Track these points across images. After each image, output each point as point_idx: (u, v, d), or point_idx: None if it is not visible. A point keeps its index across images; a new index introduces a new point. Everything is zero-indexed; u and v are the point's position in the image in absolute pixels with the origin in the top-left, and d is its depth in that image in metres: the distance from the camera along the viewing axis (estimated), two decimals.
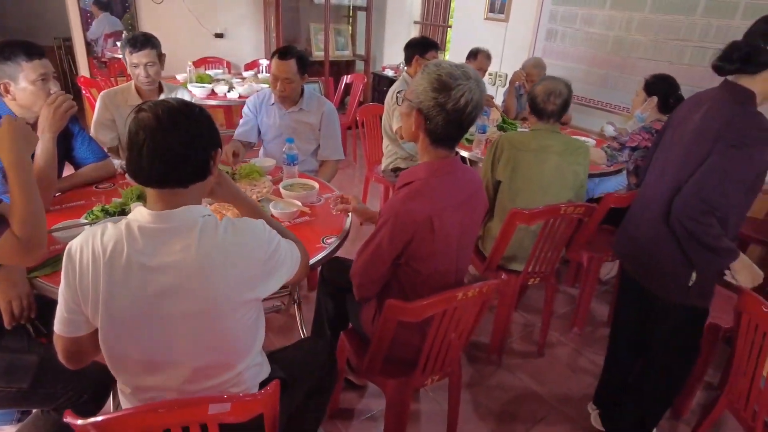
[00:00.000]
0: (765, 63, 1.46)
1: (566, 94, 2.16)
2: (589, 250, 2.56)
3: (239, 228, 1.10)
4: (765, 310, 1.46)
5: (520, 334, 2.69)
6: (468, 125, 1.41)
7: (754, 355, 1.53)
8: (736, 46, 1.50)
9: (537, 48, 4.59)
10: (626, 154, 2.72)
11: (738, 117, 1.49)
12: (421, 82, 1.37)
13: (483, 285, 1.47)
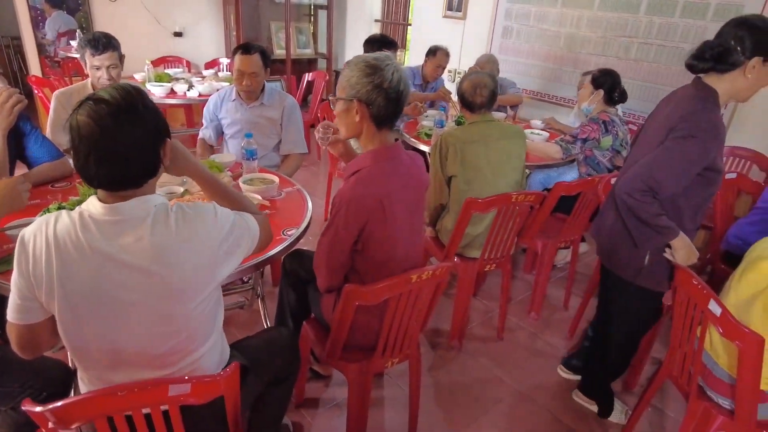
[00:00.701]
0: (734, 63, 1.53)
1: (492, 86, 2.27)
2: (543, 237, 2.67)
3: (189, 216, 1.12)
4: (695, 283, 1.57)
5: (480, 320, 2.78)
6: (404, 101, 1.50)
7: (688, 325, 1.65)
8: (709, 45, 1.57)
9: (494, 45, 4.72)
10: (578, 146, 2.86)
11: (695, 112, 1.58)
12: (351, 75, 1.45)
13: (436, 267, 1.54)
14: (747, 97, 1.65)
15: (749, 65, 1.53)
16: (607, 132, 2.82)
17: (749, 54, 1.52)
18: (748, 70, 1.54)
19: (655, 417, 2.20)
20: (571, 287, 2.93)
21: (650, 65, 3.71)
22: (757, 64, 1.53)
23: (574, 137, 2.85)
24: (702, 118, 1.58)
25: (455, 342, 2.53)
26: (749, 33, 1.51)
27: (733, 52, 1.53)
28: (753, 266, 1.57)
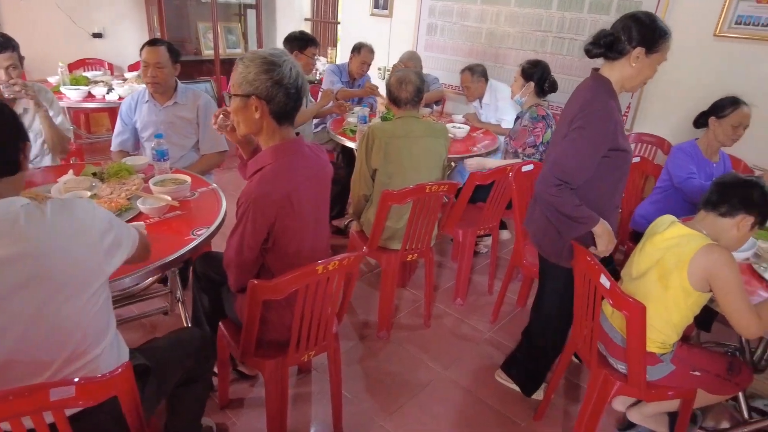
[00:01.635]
0: (620, 51, 1.67)
1: (417, 82, 2.33)
2: (463, 226, 2.76)
3: (69, 206, 1.12)
4: (588, 260, 1.68)
5: (408, 309, 2.84)
6: (303, 96, 1.52)
7: (586, 298, 1.76)
8: (603, 33, 1.70)
9: (419, 42, 4.81)
10: (540, 153, 2.92)
11: (589, 100, 1.70)
12: (248, 71, 1.45)
13: (343, 257, 1.57)
14: (634, 87, 1.77)
15: (633, 54, 1.66)
16: (548, 127, 2.92)
17: (634, 44, 1.65)
18: (632, 59, 1.67)
19: (571, 390, 2.33)
20: (494, 273, 3.05)
21: (564, 58, 3.90)
22: (641, 54, 1.66)
23: (533, 146, 2.91)
24: (595, 105, 1.69)
25: (383, 333, 2.57)
26: (635, 25, 1.65)
27: (621, 41, 1.66)
28: (649, 241, 1.70)
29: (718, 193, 1.58)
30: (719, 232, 1.57)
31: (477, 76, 3.71)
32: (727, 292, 1.47)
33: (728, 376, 1.69)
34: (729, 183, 1.57)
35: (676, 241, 1.58)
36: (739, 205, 1.53)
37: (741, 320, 1.46)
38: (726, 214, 1.55)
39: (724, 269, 1.46)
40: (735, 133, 2.45)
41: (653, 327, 1.61)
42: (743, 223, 1.54)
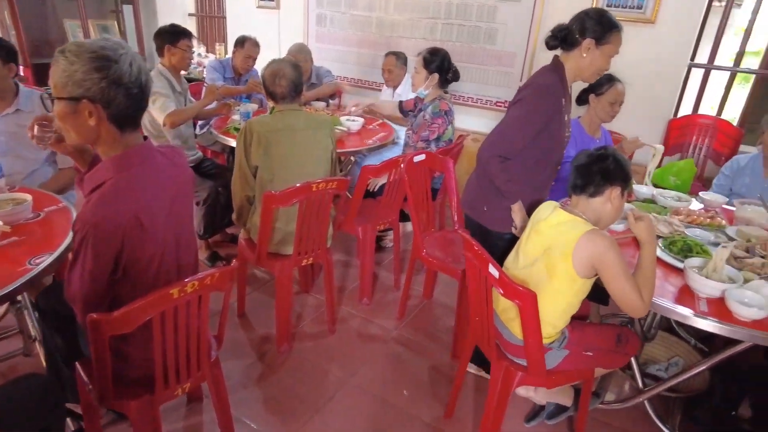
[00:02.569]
0: (573, 43, 1.81)
1: (291, 74, 2.17)
2: (361, 222, 2.63)
3: None
4: (476, 249, 1.61)
5: (312, 316, 2.67)
6: (148, 93, 1.28)
7: (480, 291, 1.69)
8: (559, 27, 1.84)
9: (310, 33, 4.62)
10: (434, 148, 2.81)
11: (533, 79, 1.88)
12: (74, 69, 1.17)
13: (205, 275, 1.37)
14: (588, 77, 1.89)
15: (584, 45, 1.78)
16: (449, 123, 2.84)
17: (585, 35, 1.78)
18: (584, 50, 1.80)
19: (482, 383, 2.28)
20: (398, 267, 2.96)
21: (454, 45, 3.89)
22: (591, 46, 1.78)
23: (427, 141, 2.81)
24: (539, 81, 1.85)
25: (284, 346, 2.39)
26: (585, 18, 1.79)
27: (573, 33, 1.80)
28: (534, 229, 1.65)
29: (580, 176, 1.58)
30: (597, 212, 1.57)
31: (401, 62, 3.60)
32: (613, 277, 1.46)
33: (618, 348, 1.70)
34: (585, 163, 1.58)
35: (559, 229, 1.56)
36: (602, 181, 1.54)
37: (628, 302, 1.46)
38: (595, 194, 1.55)
39: (608, 255, 1.45)
40: (612, 110, 2.51)
41: (541, 316, 1.57)
42: (613, 195, 1.55)
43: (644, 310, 1.46)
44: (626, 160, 1.57)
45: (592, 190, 1.55)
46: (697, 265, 1.62)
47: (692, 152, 3.39)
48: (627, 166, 1.56)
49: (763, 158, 2.53)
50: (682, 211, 2.08)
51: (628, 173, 1.56)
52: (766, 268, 1.69)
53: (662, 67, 3.24)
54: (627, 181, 1.56)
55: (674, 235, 1.88)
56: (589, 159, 1.57)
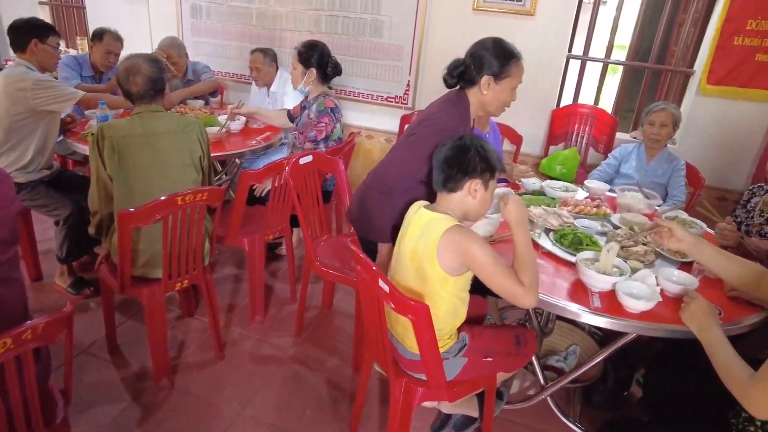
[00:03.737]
0: (471, 81, 1.73)
1: (149, 70, 1.88)
2: (247, 233, 2.39)
3: None
4: (362, 259, 1.45)
5: (198, 342, 2.38)
6: None
7: (371, 302, 1.54)
8: (455, 64, 1.75)
9: (185, 26, 4.21)
10: (323, 148, 2.59)
11: (432, 114, 1.75)
12: None
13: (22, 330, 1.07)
14: (494, 111, 1.81)
15: (483, 83, 1.71)
16: (336, 121, 2.63)
17: (482, 73, 1.70)
18: (483, 88, 1.72)
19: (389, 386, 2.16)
20: (294, 278, 2.74)
21: (340, 38, 3.72)
22: (490, 82, 1.71)
23: (314, 141, 2.57)
24: (436, 119, 1.72)
25: (163, 381, 2.09)
26: (481, 53, 1.71)
27: (470, 71, 1.72)
28: (406, 233, 1.53)
29: (440, 171, 1.50)
30: (460, 206, 1.49)
31: (269, 59, 3.34)
32: (483, 269, 1.37)
33: (518, 350, 1.64)
34: (444, 158, 1.49)
35: (423, 229, 1.45)
36: (459, 175, 1.45)
37: (508, 293, 1.36)
38: (454, 188, 1.47)
39: (470, 247, 1.35)
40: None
41: None
42: (473, 188, 1.46)
43: (529, 297, 1.35)
44: (491, 150, 1.49)
45: (451, 185, 1.46)
46: (589, 258, 1.60)
47: (575, 141, 3.52)
48: (489, 156, 1.47)
49: (645, 148, 2.73)
50: (569, 202, 2.09)
51: (491, 163, 1.47)
52: (648, 256, 1.71)
53: (544, 58, 3.32)
54: (489, 171, 1.47)
55: (564, 227, 1.87)
56: (449, 152, 1.48)
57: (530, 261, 1.39)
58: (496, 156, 1.50)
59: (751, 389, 1.15)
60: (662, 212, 2.14)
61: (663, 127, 2.62)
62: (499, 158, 1.51)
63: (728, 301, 1.54)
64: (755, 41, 2.97)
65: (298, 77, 2.61)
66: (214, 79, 3.61)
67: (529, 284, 1.35)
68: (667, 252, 1.76)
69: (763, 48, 2.96)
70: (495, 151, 1.51)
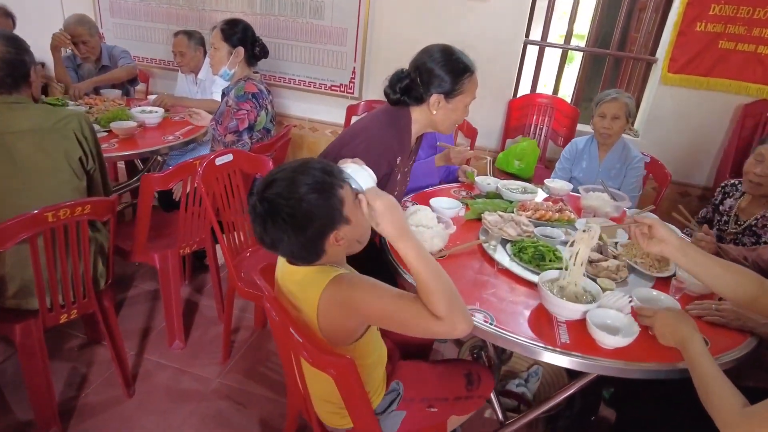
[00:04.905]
0: (418, 99, 1.52)
1: (7, 54, 1.49)
2: (158, 248, 2.03)
3: None
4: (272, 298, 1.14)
5: (105, 375, 2.01)
6: None
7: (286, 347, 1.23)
8: (399, 76, 1.53)
9: (102, 6, 3.74)
10: (247, 139, 2.22)
11: (369, 130, 1.54)
12: None
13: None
14: (445, 130, 1.63)
15: (432, 102, 1.52)
16: (261, 107, 2.26)
17: (431, 91, 1.51)
18: (432, 107, 1.53)
19: None
20: (220, 295, 2.39)
21: (277, 19, 3.35)
22: (440, 101, 1.52)
23: (235, 132, 2.19)
24: (371, 135, 1.52)
25: (53, 430, 1.72)
26: (430, 67, 1.49)
27: (417, 87, 1.52)
28: (280, 283, 1.22)
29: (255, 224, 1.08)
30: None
31: (195, 42, 2.95)
32: (383, 316, 1.05)
33: (468, 393, 1.37)
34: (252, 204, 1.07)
35: (298, 288, 1.12)
36: (276, 229, 1.04)
37: (430, 333, 1.01)
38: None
39: (355, 296, 1.04)
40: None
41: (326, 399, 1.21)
42: (334, 239, 1.06)
43: (455, 327, 0.98)
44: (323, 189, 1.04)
45: (268, 241, 1.06)
46: (553, 280, 1.33)
47: (533, 133, 3.29)
48: (319, 205, 1.02)
49: (597, 144, 2.45)
50: (528, 206, 1.83)
51: (323, 213, 1.03)
52: (621, 272, 1.47)
53: (500, 44, 3.07)
54: (323, 222, 1.04)
55: (523, 238, 1.61)
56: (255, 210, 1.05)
57: (435, 281, 0.98)
58: (331, 201, 1.04)
59: (743, 423, 0.92)
60: (632, 216, 1.91)
61: (615, 120, 2.31)
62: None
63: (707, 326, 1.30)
64: (718, 27, 2.80)
65: (222, 59, 2.25)
66: (132, 65, 3.18)
67: (448, 311, 0.97)
68: (641, 265, 1.53)
69: (727, 35, 2.79)
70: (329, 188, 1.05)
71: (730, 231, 1.98)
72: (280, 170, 1.06)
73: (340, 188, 1.05)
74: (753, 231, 1.91)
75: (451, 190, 2.12)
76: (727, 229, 2.00)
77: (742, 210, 1.99)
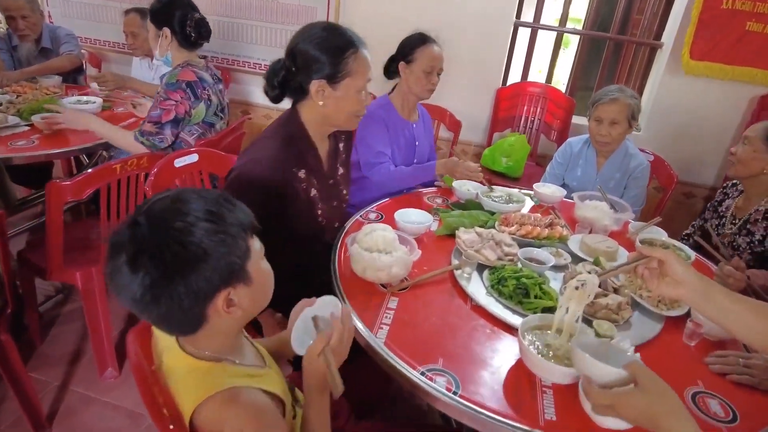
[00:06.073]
0: (299, 90, 1.28)
1: None
2: (80, 264, 1.73)
3: None
4: None
5: (12, 418, 1.72)
6: None
7: None
8: (275, 67, 1.29)
9: None
10: (169, 133, 1.91)
11: (251, 151, 1.32)
12: None
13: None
14: (345, 124, 1.36)
15: (314, 91, 1.26)
16: (197, 98, 1.94)
17: (310, 77, 1.25)
18: (316, 97, 1.27)
19: None
20: None
21: None
22: (324, 88, 1.26)
23: (156, 123, 1.88)
24: (245, 164, 1.27)
25: None
26: (303, 50, 1.25)
27: (293, 76, 1.27)
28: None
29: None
30: None
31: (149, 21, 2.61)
32: None
33: None
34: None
35: (167, 371, 0.81)
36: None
37: None
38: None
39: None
40: (429, 81, 1.90)
41: None
42: None
43: None
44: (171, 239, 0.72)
45: (123, 283, 0.72)
46: (537, 327, 1.05)
47: (523, 126, 2.99)
48: (217, 246, 0.72)
49: (595, 150, 2.12)
50: (512, 220, 1.54)
51: (218, 259, 0.72)
52: (624, 312, 1.18)
53: (487, 26, 2.75)
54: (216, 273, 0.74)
55: (504, 264, 1.32)
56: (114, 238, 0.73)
57: None
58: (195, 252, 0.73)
59: None
60: (636, 230, 1.62)
61: (613, 126, 1.96)
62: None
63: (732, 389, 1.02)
64: (747, 5, 2.44)
65: (152, 41, 1.95)
66: (75, 54, 2.83)
67: None
68: (648, 300, 1.24)
69: (756, 14, 2.42)
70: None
71: (726, 233, 1.76)
72: (176, 192, 0.77)
73: (250, 236, 0.77)
74: (748, 229, 1.72)
75: (425, 197, 1.83)
76: (724, 231, 1.77)
77: (739, 209, 1.80)
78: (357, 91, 1.28)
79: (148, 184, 1.54)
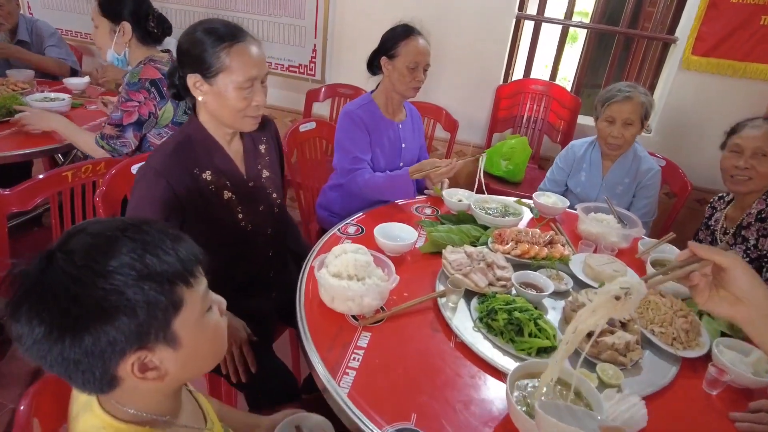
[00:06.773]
0: (185, 88, 1.19)
1: None
2: None
3: None
4: None
5: None
6: None
7: None
8: (172, 68, 1.25)
9: None
10: (130, 137, 1.75)
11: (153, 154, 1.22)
12: None
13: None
14: (234, 123, 1.21)
15: (191, 85, 1.17)
16: (163, 97, 1.77)
17: (185, 71, 1.18)
18: (195, 92, 1.18)
19: None
20: None
21: None
22: (199, 83, 1.16)
23: (118, 125, 1.71)
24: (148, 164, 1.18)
25: None
26: (180, 51, 1.19)
27: (182, 77, 1.19)
28: None
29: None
30: None
31: (100, 15, 2.45)
32: None
33: None
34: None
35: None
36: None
37: None
38: None
39: None
40: (413, 78, 1.72)
41: None
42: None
43: None
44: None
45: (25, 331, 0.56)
46: (530, 375, 0.88)
47: (525, 127, 2.81)
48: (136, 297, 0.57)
49: (601, 153, 1.94)
50: (506, 236, 1.37)
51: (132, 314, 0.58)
52: (633, 352, 1.01)
53: (487, 18, 2.56)
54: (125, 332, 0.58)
55: (496, 291, 1.15)
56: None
57: None
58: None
59: None
60: (647, 249, 1.44)
61: (627, 127, 1.80)
62: None
63: None
64: None
65: (105, 40, 1.77)
66: (67, 66, 2.69)
67: None
68: (661, 337, 1.07)
69: None
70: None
71: (720, 247, 1.59)
72: (101, 223, 0.62)
73: (185, 283, 0.61)
74: (743, 236, 1.59)
75: (413, 207, 1.66)
76: (717, 246, 1.61)
77: (729, 218, 1.67)
78: (236, 88, 1.14)
79: (98, 195, 1.38)
